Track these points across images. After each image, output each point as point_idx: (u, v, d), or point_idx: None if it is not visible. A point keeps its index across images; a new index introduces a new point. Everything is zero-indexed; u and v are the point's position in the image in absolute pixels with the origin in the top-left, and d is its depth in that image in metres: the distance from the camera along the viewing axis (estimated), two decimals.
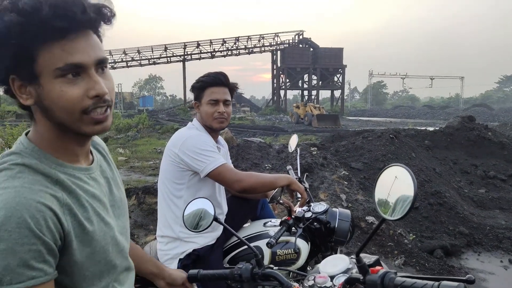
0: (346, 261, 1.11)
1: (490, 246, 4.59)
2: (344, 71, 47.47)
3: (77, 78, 0.79)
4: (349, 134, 10.24)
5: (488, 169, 7.33)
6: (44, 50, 0.76)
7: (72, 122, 0.81)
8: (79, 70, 0.79)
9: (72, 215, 0.82)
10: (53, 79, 0.77)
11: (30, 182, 0.78)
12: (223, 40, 44.52)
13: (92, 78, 0.80)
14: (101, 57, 0.82)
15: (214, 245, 1.90)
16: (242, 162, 6.01)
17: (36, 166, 0.81)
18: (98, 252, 0.86)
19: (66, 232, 0.79)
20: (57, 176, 0.83)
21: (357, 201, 4.50)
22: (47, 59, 0.76)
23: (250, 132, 19.45)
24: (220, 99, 1.91)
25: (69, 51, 0.77)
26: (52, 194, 0.79)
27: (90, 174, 0.92)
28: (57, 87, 0.78)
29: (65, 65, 0.77)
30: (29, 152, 0.83)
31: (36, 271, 0.73)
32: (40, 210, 0.75)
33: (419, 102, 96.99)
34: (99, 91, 0.80)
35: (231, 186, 1.84)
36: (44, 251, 0.74)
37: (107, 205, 0.95)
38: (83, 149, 0.92)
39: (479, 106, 53.17)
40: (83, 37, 0.79)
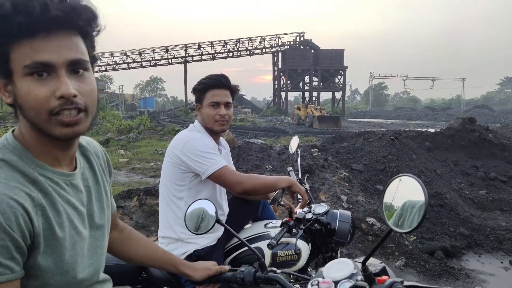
0: (351, 266, 1.08)
1: (491, 248, 4.59)
2: (345, 72, 47.48)
3: (46, 78, 0.77)
4: (350, 135, 10.24)
5: (489, 170, 7.33)
6: (15, 47, 0.75)
7: (41, 123, 0.79)
8: (48, 69, 0.77)
9: (44, 216, 0.80)
10: (22, 77, 0.77)
11: (6, 177, 0.77)
12: (224, 42, 44.56)
13: (60, 79, 0.78)
14: (74, 58, 0.79)
15: (215, 246, 1.91)
16: (243, 163, 6.02)
17: (15, 163, 0.80)
18: (65, 261, 0.84)
19: (36, 233, 0.78)
20: (34, 176, 0.82)
21: (358, 203, 4.51)
22: (18, 56, 0.76)
23: (251, 133, 19.46)
24: (221, 102, 1.92)
25: (37, 49, 0.76)
26: (27, 192, 0.78)
27: (70, 180, 0.90)
28: (25, 85, 0.77)
29: (32, 62, 0.75)
30: (11, 149, 0.83)
31: (2, 267, 0.71)
32: (12, 206, 0.73)
33: (420, 104, 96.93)
34: (64, 92, 0.77)
35: (232, 188, 1.85)
36: (12, 248, 0.72)
37: (83, 214, 0.92)
38: (65, 154, 0.89)
39: (481, 107, 53.13)
40: (55, 37, 0.77)
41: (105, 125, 19.89)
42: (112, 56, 43.04)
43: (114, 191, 5.88)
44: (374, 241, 4.05)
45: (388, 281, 0.92)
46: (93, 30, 0.84)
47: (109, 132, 18.79)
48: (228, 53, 45.58)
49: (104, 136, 17.73)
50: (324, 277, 1.07)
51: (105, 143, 16.12)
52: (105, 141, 16.44)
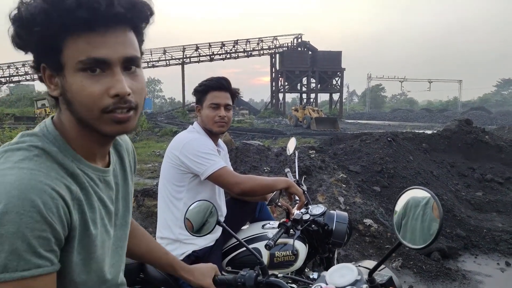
0: (354, 272, 1.05)
1: (487, 249, 4.62)
2: (342, 74, 47.55)
3: (100, 74, 0.75)
4: (347, 137, 10.26)
5: (485, 172, 7.36)
6: (70, 41, 0.73)
7: (91, 120, 0.77)
8: (103, 66, 0.75)
9: (80, 211, 0.79)
10: (75, 72, 0.74)
11: (47, 167, 0.75)
12: (222, 43, 44.56)
13: (115, 76, 0.76)
14: (130, 55, 0.78)
15: (213, 246, 1.92)
16: (241, 165, 6.03)
17: (55, 154, 0.78)
18: (93, 259, 0.82)
19: (72, 226, 0.76)
20: (73, 169, 0.80)
21: (355, 204, 4.53)
22: (72, 51, 0.73)
23: (249, 135, 19.45)
24: (221, 103, 1.94)
25: (94, 45, 0.73)
26: (67, 184, 0.76)
27: (104, 176, 0.89)
28: (78, 81, 0.74)
29: (87, 58, 0.73)
30: (51, 139, 0.80)
31: (43, 259, 0.69)
32: (54, 197, 0.71)
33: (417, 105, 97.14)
34: (120, 90, 0.75)
35: (231, 188, 1.86)
36: (53, 240, 0.70)
37: (111, 212, 0.91)
38: (102, 149, 0.88)
39: (477, 109, 53.29)
40: (113, 32, 0.75)
41: None
42: None
43: None
44: (371, 242, 4.07)
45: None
46: (145, 25, 0.83)
47: None
48: (226, 55, 45.59)
49: None
50: (327, 282, 1.06)
51: None
52: None
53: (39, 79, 0.81)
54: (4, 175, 0.70)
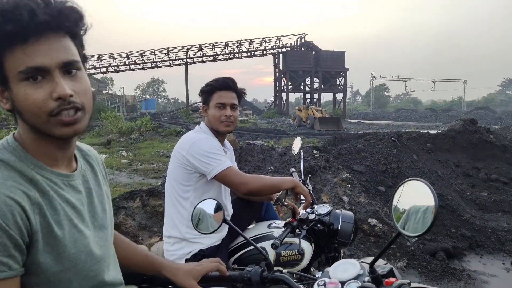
0: (357, 267, 1.08)
1: (492, 249, 4.60)
2: (346, 74, 47.52)
3: (41, 81, 0.79)
4: (351, 137, 10.25)
5: (490, 172, 7.34)
6: (8, 54, 0.77)
7: (41, 125, 0.81)
8: (42, 73, 0.79)
9: (41, 214, 0.81)
10: (18, 83, 0.78)
11: (4, 177, 0.78)
12: (225, 44, 44.62)
13: (55, 80, 0.79)
14: (67, 60, 0.81)
15: (219, 245, 1.93)
16: (245, 164, 6.04)
17: (13, 163, 0.82)
18: (66, 258, 0.84)
19: (33, 230, 0.79)
20: (32, 175, 0.83)
21: (360, 204, 4.53)
22: (11, 63, 0.77)
23: (252, 135, 19.47)
24: (227, 103, 1.95)
25: (30, 55, 0.77)
26: (24, 191, 0.79)
27: (69, 181, 0.91)
28: (21, 91, 0.78)
29: (26, 68, 0.77)
30: (11, 150, 0.84)
31: (1, 265, 0.72)
32: (9, 204, 0.75)
33: (421, 105, 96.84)
34: (60, 93, 0.79)
35: (237, 188, 1.87)
36: (10, 245, 0.73)
37: (84, 214, 0.93)
38: (63, 153, 0.91)
39: (482, 109, 53.08)
40: (46, 40, 0.78)
41: (107, 126, 19.94)
42: (114, 58, 43.10)
43: (116, 192, 5.90)
44: (375, 242, 4.06)
45: (395, 283, 0.92)
46: (81, 30, 0.85)
47: (111, 133, 18.83)
48: (229, 55, 45.65)
49: (106, 137, 17.76)
50: (331, 277, 1.08)
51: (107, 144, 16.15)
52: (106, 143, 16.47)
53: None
54: None
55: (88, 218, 0.95)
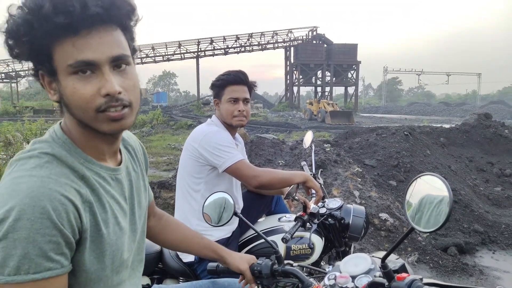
0: (368, 261, 1.07)
1: (505, 245, 4.55)
2: (358, 67, 47.02)
3: (90, 75, 0.77)
4: (363, 131, 10.17)
5: (505, 167, 7.22)
6: (57, 46, 0.76)
7: (88, 120, 0.80)
8: (92, 67, 0.77)
9: (91, 213, 0.82)
10: (67, 76, 0.77)
11: (57, 173, 0.78)
12: (237, 36, 44.47)
13: (104, 76, 0.78)
14: (117, 55, 0.79)
15: (230, 238, 1.95)
16: (256, 158, 6.05)
17: (65, 158, 0.81)
18: (107, 256, 0.85)
19: (83, 229, 0.79)
20: (83, 172, 0.83)
21: (371, 198, 4.51)
22: (61, 56, 0.76)
23: (263, 128, 19.45)
24: (240, 98, 1.95)
25: (80, 48, 0.75)
26: (77, 189, 0.79)
27: (116, 175, 0.92)
28: (70, 84, 0.77)
29: (75, 62, 0.76)
30: (60, 143, 0.84)
31: (54, 262, 0.72)
32: (63, 203, 0.75)
33: (435, 99, 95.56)
34: (109, 90, 0.78)
35: (249, 181, 1.88)
36: (63, 243, 0.74)
37: (125, 209, 0.94)
38: (110, 147, 0.91)
39: (497, 103, 52.13)
40: (97, 33, 0.77)
41: None
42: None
43: None
44: (386, 237, 4.05)
45: (408, 279, 0.91)
46: (132, 22, 0.84)
47: None
48: (241, 48, 45.50)
49: None
50: (341, 271, 1.07)
51: None
52: None
53: (41, 85, 0.84)
54: (17, 183, 0.74)
55: (128, 213, 0.95)
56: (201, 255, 1.33)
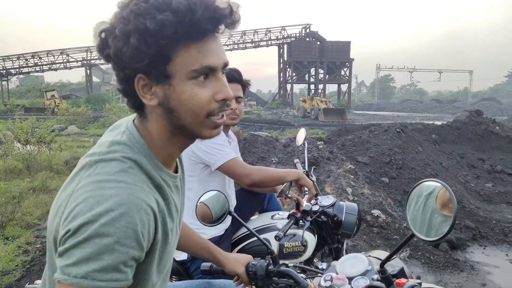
0: (365, 262, 1.04)
1: (496, 240, 4.61)
2: (351, 64, 47.18)
3: (205, 80, 0.77)
4: (356, 128, 10.23)
5: (495, 163, 7.31)
6: (182, 51, 0.73)
7: (194, 125, 0.79)
8: (209, 72, 0.77)
9: (163, 223, 0.79)
10: (186, 81, 0.75)
11: (140, 181, 0.75)
12: (230, 34, 44.36)
13: (219, 81, 0.78)
14: (227, 61, 0.80)
15: (222, 236, 1.94)
16: (249, 156, 6.06)
17: (145, 165, 0.79)
18: (163, 264, 0.84)
19: (156, 240, 0.77)
20: (158, 181, 0.81)
21: (363, 195, 4.53)
22: (184, 60, 0.74)
23: (257, 126, 19.47)
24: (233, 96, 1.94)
25: (205, 53, 0.75)
26: (155, 198, 0.77)
27: (175, 182, 0.89)
28: (189, 89, 0.75)
29: (201, 67, 0.75)
30: (139, 148, 0.80)
31: (122, 273, 0.69)
32: (148, 213, 0.72)
33: (427, 96, 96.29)
34: (227, 94, 0.78)
35: (241, 179, 1.87)
36: (137, 257, 0.71)
37: (180, 218, 0.93)
38: (179, 154, 0.89)
39: (488, 100, 52.66)
40: (215, 40, 0.77)
41: (111, 117, 19.98)
42: None
43: None
44: (379, 233, 4.08)
45: (407, 285, 0.89)
46: None
47: None
48: (234, 45, 45.40)
49: None
50: (338, 272, 1.05)
51: None
52: None
53: (122, 91, 0.80)
54: (102, 187, 0.71)
55: (178, 220, 0.93)
56: (196, 256, 1.33)
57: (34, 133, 8.14)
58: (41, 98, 37.40)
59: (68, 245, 0.67)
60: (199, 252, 1.30)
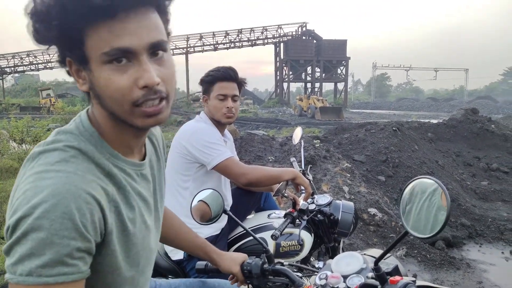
0: (360, 260, 1.04)
1: (492, 238, 4.63)
2: (347, 63, 47.19)
3: (126, 64, 0.69)
4: (352, 126, 10.24)
5: (491, 161, 7.34)
6: (91, 31, 0.67)
7: (122, 114, 0.73)
8: (128, 55, 0.69)
9: (117, 213, 0.76)
10: (101, 65, 0.69)
11: (83, 169, 0.71)
12: (226, 32, 44.24)
13: (141, 66, 0.70)
14: (155, 40, 0.71)
15: (218, 235, 1.94)
16: (245, 154, 6.05)
17: (91, 153, 0.75)
18: (133, 256, 0.81)
19: (108, 231, 0.73)
20: (109, 169, 0.76)
21: (360, 193, 4.54)
22: (94, 42, 0.68)
23: (253, 124, 19.46)
24: (228, 94, 1.93)
25: (117, 33, 0.67)
26: (103, 186, 0.73)
27: (141, 170, 0.85)
28: (104, 74, 0.69)
29: (111, 49, 0.67)
30: (87, 136, 0.77)
31: (69, 267, 0.66)
32: (89, 202, 0.68)
33: (423, 94, 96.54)
34: (148, 81, 0.70)
35: (237, 179, 1.87)
36: (82, 248, 0.68)
37: (151, 205, 0.89)
38: (138, 141, 0.84)
39: (484, 98, 52.87)
40: (134, 17, 0.68)
41: None
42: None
43: None
44: (375, 231, 4.08)
45: (401, 282, 0.89)
46: (168, 1, 0.75)
47: None
48: (230, 44, 45.28)
49: None
50: (333, 270, 1.05)
51: None
52: None
53: (67, 73, 0.76)
54: (41, 178, 0.68)
55: (153, 209, 0.90)
56: (192, 254, 1.32)
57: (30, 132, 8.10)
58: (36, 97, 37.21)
59: (10, 242, 0.65)
60: (194, 250, 1.29)
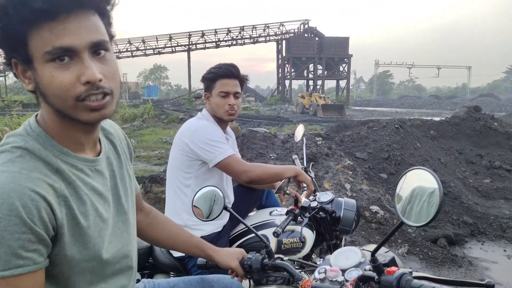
0: (358, 254, 1.08)
1: (494, 236, 4.61)
2: (349, 60, 47.05)
3: (69, 62, 0.74)
4: (354, 124, 10.22)
5: (494, 159, 7.32)
6: (33, 32, 0.72)
7: (67, 109, 0.77)
8: (70, 54, 0.74)
9: (67, 207, 0.80)
10: (44, 64, 0.74)
11: (29, 168, 0.75)
12: (228, 30, 44.19)
13: (83, 63, 0.75)
14: (96, 40, 0.76)
15: (220, 232, 1.94)
16: (247, 152, 6.04)
17: (38, 152, 0.79)
18: (90, 249, 0.84)
19: (59, 224, 0.77)
20: (58, 165, 0.80)
21: (362, 191, 4.53)
22: (37, 42, 0.72)
23: (255, 122, 19.43)
24: (230, 91, 1.92)
25: (58, 34, 0.72)
26: (50, 183, 0.77)
27: (95, 166, 0.89)
28: (47, 72, 0.74)
29: (53, 48, 0.72)
30: (35, 136, 0.81)
31: (24, 259, 0.71)
32: (34, 199, 0.72)
33: (425, 92, 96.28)
34: (90, 77, 0.74)
35: (239, 176, 1.87)
36: (34, 240, 0.72)
37: (109, 200, 0.92)
38: (88, 138, 0.88)
39: (486, 96, 52.68)
40: (75, 18, 0.73)
41: None
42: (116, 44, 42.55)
43: None
44: (377, 229, 4.08)
45: (397, 272, 0.91)
46: (109, 6, 0.81)
47: (113, 120, 18.80)
48: (232, 41, 45.24)
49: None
50: (332, 265, 1.08)
51: None
52: None
53: (14, 75, 0.81)
54: None
55: (112, 203, 0.93)
56: (189, 254, 1.32)
57: None
58: None
59: None
60: (191, 250, 1.30)
